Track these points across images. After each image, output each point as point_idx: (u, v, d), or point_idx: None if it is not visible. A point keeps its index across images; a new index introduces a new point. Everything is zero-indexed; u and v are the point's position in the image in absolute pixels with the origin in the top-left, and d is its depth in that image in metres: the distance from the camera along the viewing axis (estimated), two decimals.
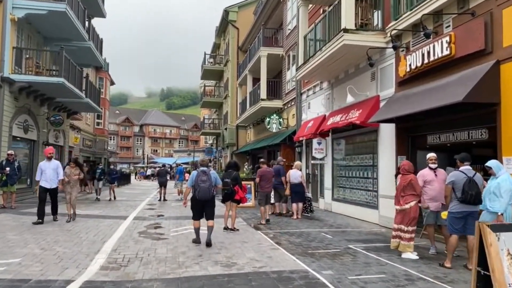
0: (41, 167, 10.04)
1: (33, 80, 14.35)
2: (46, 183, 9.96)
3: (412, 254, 6.67)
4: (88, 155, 33.39)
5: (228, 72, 30.61)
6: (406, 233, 6.71)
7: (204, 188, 7.35)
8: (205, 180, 7.41)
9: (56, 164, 10.21)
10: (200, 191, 7.34)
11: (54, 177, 10.03)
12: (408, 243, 6.69)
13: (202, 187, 7.35)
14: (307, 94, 16.17)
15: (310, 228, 9.92)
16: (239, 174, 9.38)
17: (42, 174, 9.94)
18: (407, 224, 6.71)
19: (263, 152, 23.92)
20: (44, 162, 10.19)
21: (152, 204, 15.84)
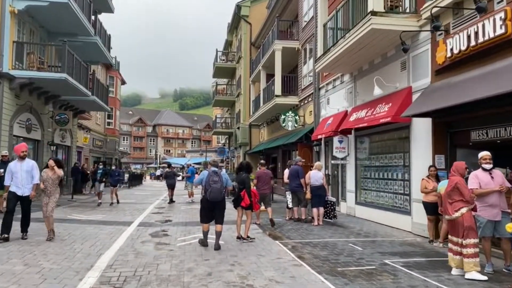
0: (11, 169, 7.89)
1: (34, 76, 13.50)
2: (18, 188, 7.81)
3: (479, 274, 5.44)
4: (98, 156, 32.73)
5: (241, 69, 29.57)
6: (468, 248, 5.49)
7: (216, 189, 7.17)
8: (216, 180, 7.25)
9: (31, 165, 8.00)
10: (212, 191, 7.16)
11: (28, 181, 7.87)
12: (472, 260, 5.46)
13: (213, 188, 7.17)
14: (326, 89, 14.99)
15: (334, 237, 8.77)
16: (249, 177, 8.25)
17: (13, 177, 7.81)
18: (464, 237, 5.51)
19: (277, 152, 22.82)
20: (15, 162, 8.03)
21: (161, 207, 14.87)
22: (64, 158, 20.20)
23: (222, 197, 7.39)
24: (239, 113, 30.03)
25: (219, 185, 7.22)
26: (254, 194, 8.23)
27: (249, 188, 8.07)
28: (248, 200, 7.98)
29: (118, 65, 37.01)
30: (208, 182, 7.23)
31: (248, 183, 8.09)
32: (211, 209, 7.36)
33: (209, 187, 7.19)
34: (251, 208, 8.17)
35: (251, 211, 8.26)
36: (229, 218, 11.60)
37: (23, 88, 14.24)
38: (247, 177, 8.15)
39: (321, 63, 12.38)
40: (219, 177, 7.33)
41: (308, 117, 17.13)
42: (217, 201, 7.31)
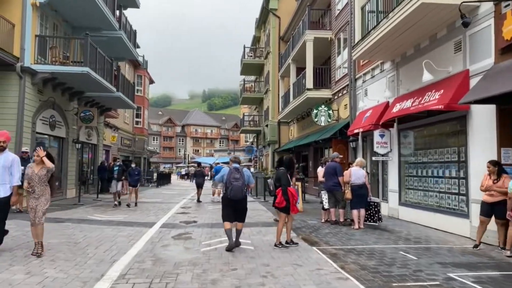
0: None
1: (55, 70, 13.02)
2: None
3: None
4: (127, 155, 32.58)
5: (269, 65, 28.60)
6: None
7: (237, 187, 6.80)
8: (238, 178, 6.86)
9: (11, 159, 6.26)
10: (233, 189, 6.80)
11: (5, 179, 6.20)
12: None
13: (234, 186, 6.80)
14: (363, 79, 13.78)
15: (380, 242, 7.64)
16: (286, 173, 7.25)
17: None
18: None
19: (308, 150, 21.71)
20: None
21: (186, 207, 14.10)
22: (90, 157, 19.88)
23: (244, 195, 6.95)
24: (267, 110, 29.07)
25: (240, 183, 6.83)
26: (292, 194, 7.12)
27: (285, 186, 7.06)
28: (282, 200, 6.99)
29: (146, 64, 36.84)
30: (229, 180, 6.87)
31: (286, 180, 7.11)
32: (232, 208, 6.98)
33: (230, 185, 6.83)
34: (286, 210, 7.13)
35: (285, 215, 7.20)
36: (259, 219, 10.70)
37: (46, 84, 13.82)
38: (283, 173, 7.18)
39: (359, 50, 11.23)
40: (241, 174, 6.92)
41: (343, 111, 15.94)
42: (238, 199, 6.90)
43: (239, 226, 7.07)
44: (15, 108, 12.34)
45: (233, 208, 6.97)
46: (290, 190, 7.09)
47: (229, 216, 6.99)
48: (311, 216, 11.51)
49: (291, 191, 7.09)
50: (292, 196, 7.09)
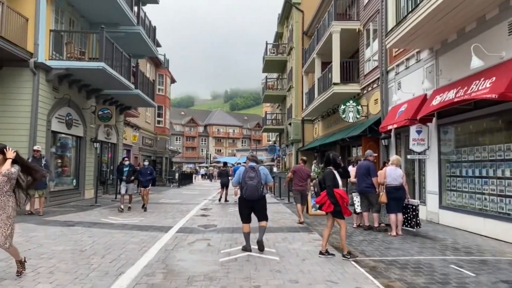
0: None
1: (70, 66, 12.50)
2: None
3: None
4: (149, 154, 32.26)
5: (292, 61, 27.65)
6: None
7: (252, 186, 6.45)
8: (253, 177, 6.50)
9: None
10: (248, 189, 6.47)
11: None
12: None
13: (249, 185, 6.47)
14: (396, 71, 12.68)
15: (425, 253, 6.62)
16: (332, 173, 6.28)
17: None
18: None
19: (334, 149, 20.62)
20: None
21: (207, 209, 13.35)
22: (109, 156, 19.46)
23: (260, 195, 6.56)
24: (290, 108, 28.12)
25: (255, 182, 6.47)
26: (340, 195, 6.13)
27: (330, 188, 6.13)
28: (329, 203, 6.09)
29: (167, 63, 36.53)
30: (244, 179, 6.54)
31: (330, 180, 6.19)
32: (250, 208, 6.68)
33: (245, 184, 6.51)
34: (338, 214, 6.17)
35: (340, 218, 6.22)
36: (284, 224, 9.78)
37: (62, 81, 13.35)
38: (328, 173, 6.27)
39: (394, 37, 10.18)
40: (256, 172, 6.55)
41: (373, 107, 14.85)
42: (254, 200, 6.55)
43: (263, 223, 6.71)
44: (29, 105, 11.88)
45: (251, 209, 6.67)
46: (338, 192, 6.13)
47: (247, 217, 6.69)
48: None
49: (338, 192, 6.13)
50: (342, 198, 6.13)
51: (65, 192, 14.43)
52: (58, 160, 14.38)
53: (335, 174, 6.28)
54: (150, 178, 12.96)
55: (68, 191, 14.76)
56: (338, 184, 6.25)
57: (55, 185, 13.87)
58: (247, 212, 6.69)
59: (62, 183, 14.55)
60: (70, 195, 14.79)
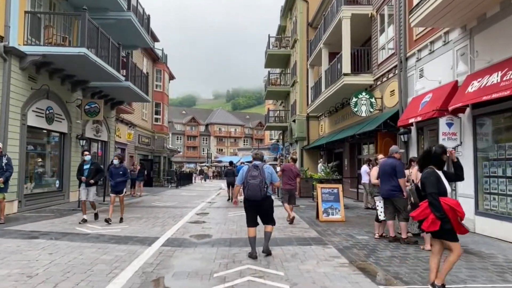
0: None
1: (47, 51, 10.99)
2: None
3: None
4: (145, 153, 30.85)
5: (296, 54, 26.13)
6: None
7: (254, 186, 5.96)
8: (255, 175, 6.02)
9: None
10: (249, 188, 6.00)
11: None
12: None
13: (251, 184, 5.99)
14: (417, 57, 11.14)
15: (479, 277, 5.08)
16: (434, 173, 4.45)
17: None
18: None
19: (343, 146, 19.12)
20: None
21: (203, 214, 11.84)
22: (99, 155, 17.98)
23: (263, 196, 6.00)
24: (294, 104, 26.59)
25: (257, 181, 5.97)
26: (451, 208, 4.25)
27: (432, 196, 4.26)
28: (432, 219, 4.23)
29: (165, 58, 35.11)
30: (246, 178, 6.07)
31: (434, 185, 4.32)
32: (254, 210, 6.21)
33: (247, 184, 6.04)
34: (447, 234, 4.28)
35: (452, 240, 4.30)
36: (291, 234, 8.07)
37: (40, 70, 11.87)
38: (430, 174, 4.44)
39: (420, 13, 8.65)
40: (260, 171, 6.03)
41: (388, 99, 13.32)
42: (257, 200, 6.03)
43: (268, 228, 6.21)
44: None
45: (255, 210, 6.18)
46: (446, 202, 4.29)
47: (252, 220, 6.21)
48: (356, 227, 9.02)
49: (447, 203, 4.29)
50: (453, 211, 4.27)
51: (46, 195, 12.95)
52: (38, 159, 12.90)
53: (440, 176, 4.45)
54: (122, 181, 9.78)
55: (50, 193, 13.28)
56: (446, 190, 4.42)
57: (33, 187, 12.39)
58: (251, 214, 6.21)
59: (43, 184, 13.07)
60: (52, 198, 13.32)
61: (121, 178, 9.77)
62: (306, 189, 17.73)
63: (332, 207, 10.11)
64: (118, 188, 9.86)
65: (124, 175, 9.84)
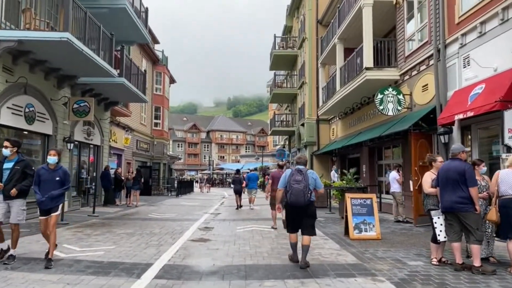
0: None
1: (23, 37, 9.25)
2: None
3: None
4: (144, 160, 29.10)
5: (305, 54, 24.50)
6: None
7: (297, 190, 5.75)
8: (299, 180, 5.81)
9: None
10: (293, 193, 5.79)
11: None
12: None
13: (294, 189, 5.78)
14: (461, 42, 9.41)
15: None
16: None
17: None
18: None
19: (360, 151, 17.34)
20: None
21: (207, 229, 10.04)
22: (91, 160, 16.24)
23: (307, 201, 5.79)
24: (302, 107, 24.90)
25: (302, 186, 5.76)
26: None
27: None
28: None
29: (166, 60, 33.55)
30: (290, 183, 5.86)
31: None
32: (295, 215, 5.97)
33: (290, 188, 5.82)
34: None
35: None
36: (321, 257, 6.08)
37: (18, 59, 10.18)
38: None
39: None
40: (304, 175, 5.84)
41: (419, 95, 11.59)
42: (300, 206, 5.82)
43: (306, 240, 5.87)
44: None
45: (297, 216, 6.00)
46: None
47: (294, 226, 6.07)
48: (400, 248, 7.23)
49: None
50: None
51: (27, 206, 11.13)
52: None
53: None
54: (59, 195, 6.05)
55: (30, 204, 11.44)
56: None
57: None
58: (293, 219, 6.04)
59: None
60: (33, 210, 11.49)
61: (57, 189, 6.01)
62: (321, 199, 15.89)
63: (365, 221, 8.33)
64: (51, 205, 6.01)
65: (62, 184, 6.09)
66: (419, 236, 8.74)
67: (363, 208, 8.43)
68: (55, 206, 6.08)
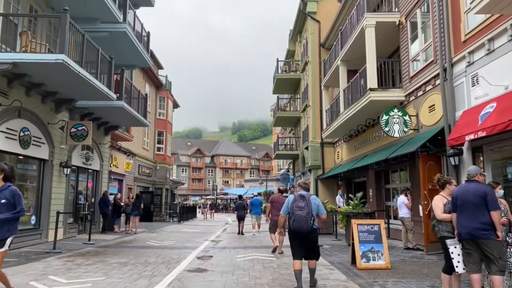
0: None
1: (17, 59, 9.02)
2: None
3: None
4: (146, 185, 28.68)
5: (308, 77, 24.37)
6: None
7: (300, 217, 5.75)
8: (302, 206, 5.79)
9: None
10: (295, 220, 5.79)
11: None
12: None
13: (297, 216, 5.77)
14: (468, 60, 9.08)
15: None
16: None
17: None
18: None
19: (366, 174, 16.83)
20: None
21: (206, 258, 9.50)
22: (90, 186, 15.84)
23: (310, 228, 5.76)
24: (306, 130, 24.55)
25: (304, 212, 5.75)
26: None
27: None
28: None
29: (169, 85, 33.61)
30: (292, 209, 5.85)
31: None
32: (299, 242, 5.94)
33: (293, 215, 5.82)
34: None
35: None
36: None
37: (13, 82, 9.96)
38: None
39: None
40: (306, 202, 5.82)
41: (426, 116, 11.20)
42: (303, 233, 5.79)
43: (312, 264, 6.05)
44: None
45: (300, 242, 5.94)
46: None
47: (298, 252, 5.96)
48: (412, 279, 6.65)
49: None
50: None
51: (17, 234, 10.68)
52: None
53: None
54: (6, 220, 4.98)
55: (23, 231, 11.04)
56: None
57: None
58: (297, 246, 6.00)
59: None
60: (26, 237, 11.09)
61: (4, 214, 4.94)
62: (326, 225, 15.31)
63: (373, 249, 7.77)
64: None
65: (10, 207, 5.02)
66: (432, 265, 8.15)
67: (370, 235, 7.89)
68: (3, 239, 4.94)
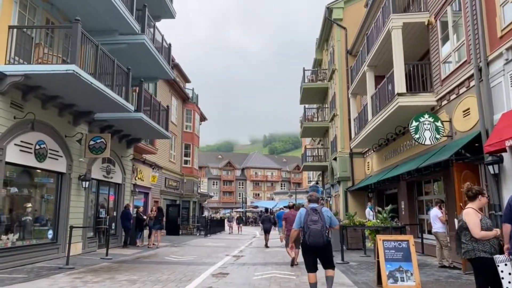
0: None
1: (30, 71, 8.94)
2: None
3: None
4: (173, 198, 28.58)
5: (335, 86, 23.61)
6: None
7: (316, 231, 5.71)
8: (316, 220, 5.76)
9: None
10: (311, 234, 5.73)
11: None
12: None
13: (313, 230, 5.72)
14: (507, 57, 8.15)
15: None
16: None
17: None
18: None
19: (398, 186, 15.79)
20: None
21: (221, 275, 8.92)
22: (111, 199, 15.71)
23: (326, 241, 5.77)
24: (335, 140, 23.70)
25: (319, 226, 5.73)
26: None
27: None
28: None
29: (196, 98, 33.70)
30: (306, 223, 5.81)
31: None
32: (314, 256, 5.95)
33: (308, 229, 5.78)
34: None
35: None
36: None
37: (28, 95, 9.90)
38: None
39: None
40: (319, 215, 5.80)
41: (460, 121, 10.23)
42: (320, 247, 5.78)
43: (330, 273, 5.97)
44: None
45: (315, 256, 5.92)
46: None
47: (312, 265, 5.96)
48: None
49: None
50: None
51: (33, 248, 10.57)
52: (26, 204, 10.68)
53: None
54: None
55: (40, 246, 10.90)
56: None
57: (16, 238, 10.05)
58: (312, 260, 5.97)
59: (31, 236, 10.72)
60: (43, 252, 10.94)
61: None
62: (355, 239, 14.43)
63: (401, 268, 6.93)
64: None
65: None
66: (470, 286, 7.19)
67: (398, 252, 7.05)
68: None
